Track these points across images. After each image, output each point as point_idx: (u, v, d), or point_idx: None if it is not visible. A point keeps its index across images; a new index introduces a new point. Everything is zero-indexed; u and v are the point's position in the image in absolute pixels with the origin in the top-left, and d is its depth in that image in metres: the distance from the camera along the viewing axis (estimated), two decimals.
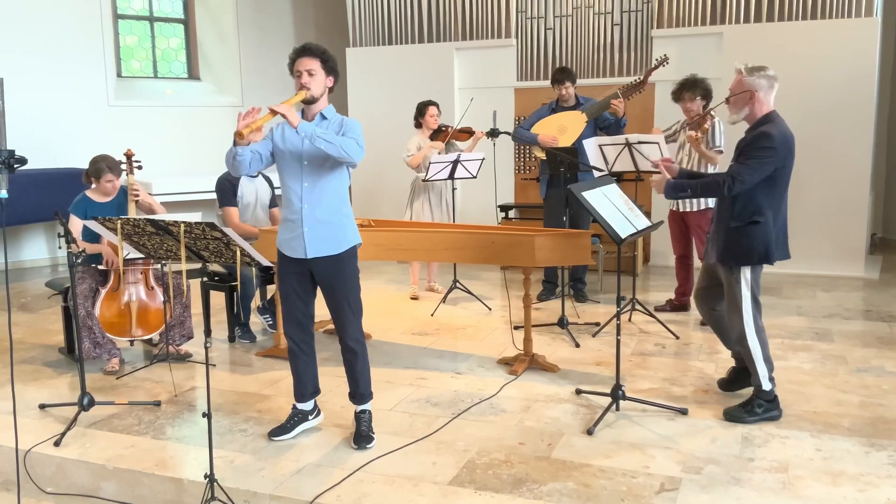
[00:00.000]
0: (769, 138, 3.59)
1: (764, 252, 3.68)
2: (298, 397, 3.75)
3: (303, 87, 3.36)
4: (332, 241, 3.46)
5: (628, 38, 7.54)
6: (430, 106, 6.33)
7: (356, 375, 3.65)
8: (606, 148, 5.31)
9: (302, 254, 3.46)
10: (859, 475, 3.18)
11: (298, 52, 3.41)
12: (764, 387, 3.79)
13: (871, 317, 5.70)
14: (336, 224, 3.47)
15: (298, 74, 3.39)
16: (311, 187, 3.42)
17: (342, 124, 3.43)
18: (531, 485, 3.15)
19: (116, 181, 4.74)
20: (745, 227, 3.67)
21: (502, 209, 7.65)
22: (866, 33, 6.73)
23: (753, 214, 3.65)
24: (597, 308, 6.04)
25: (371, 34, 8.56)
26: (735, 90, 3.73)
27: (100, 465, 3.46)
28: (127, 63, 9.05)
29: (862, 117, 6.81)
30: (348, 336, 3.58)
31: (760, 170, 3.58)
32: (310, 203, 3.41)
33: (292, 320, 3.61)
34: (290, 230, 3.48)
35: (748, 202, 3.65)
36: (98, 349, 4.61)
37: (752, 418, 3.77)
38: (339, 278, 3.51)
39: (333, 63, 3.46)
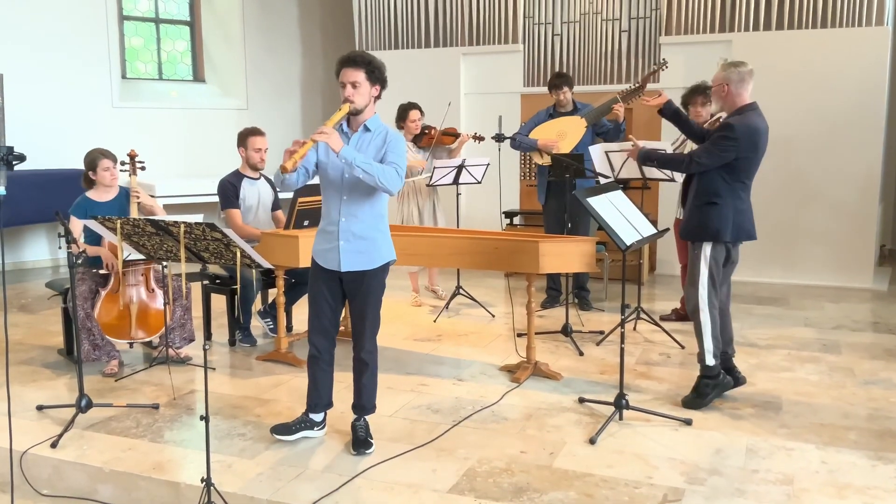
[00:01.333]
0: (732, 129, 3.84)
1: (716, 230, 3.94)
2: (312, 407, 3.70)
3: (346, 100, 3.32)
4: (366, 257, 3.45)
5: (636, 45, 7.51)
6: (413, 110, 6.10)
7: (361, 387, 3.62)
8: (613, 155, 5.27)
9: (335, 266, 3.45)
10: (865, 489, 3.14)
11: (343, 62, 3.36)
12: (708, 362, 4.03)
13: (879, 329, 5.64)
14: (371, 240, 3.45)
15: (343, 86, 3.34)
16: (350, 201, 3.40)
17: (386, 139, 3.41)
18: (532, 494, 3.11)
19: (114, 169, 4.71)
20: (703, 207, 3.96)
21: (507, 215, 7.60)
22: (877, 42, 6.69)
23: (711, 196, 3.93)
24: (601, 316, 5.99)
25: (377, 38, 8.54)
26: (713, 83, 4.03)
27: (97, 468, 3.43)
28: (132, 65, 9.05)
29: (872, 127, 6.76)
30: (362, 348, 3.57)
31: (718, 156, 3.87)
32: (347, 217, 3.41)
33: (319, 327, 3.57)
34: (326, 241, 3.47)
35: (708, 184, 3.95)
36: (97, 351, 4.58)
37: (706, 400, 4.04)
38: (366, 292, 3.51)
39: (380, 72, 3.40)
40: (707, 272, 3.98)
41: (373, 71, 3.34)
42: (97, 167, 4.67)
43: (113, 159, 4.71)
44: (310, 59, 9.92)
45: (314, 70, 9.95)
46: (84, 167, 4.74)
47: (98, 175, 4.69)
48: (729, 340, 4.16)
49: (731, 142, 3.82)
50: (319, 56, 9.97)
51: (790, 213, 7.04)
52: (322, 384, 3.67)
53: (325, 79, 9.96)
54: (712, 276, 3.99)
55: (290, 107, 9.75)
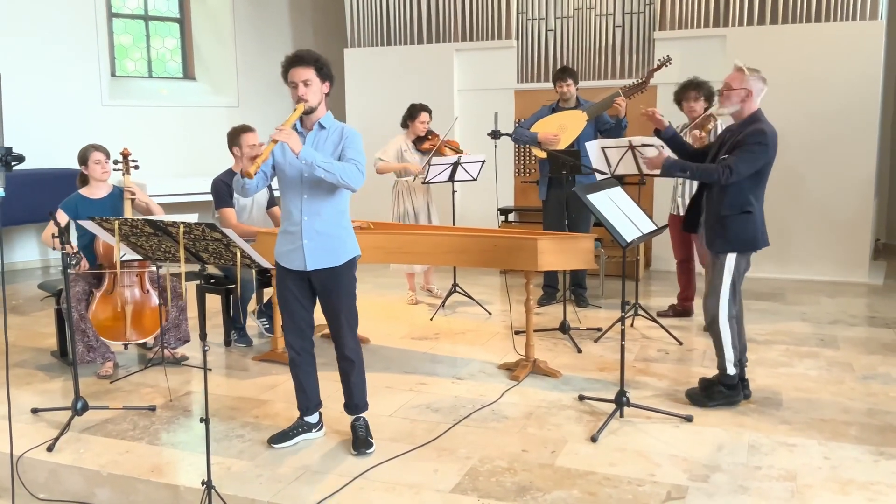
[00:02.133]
0: (764, 135, 3.78)
1: (752, 239, 3.89)
2: (303, 410, 3.67)
3: (300, 100, 3.30)
4: (332, 253, 3.42)
5: (630, 40, 7.49)
6: (423, 112, 6.15)
7: (351, 386, 3.60)
8: (609, 150, 5.25)
9: (301, 266, 3.41)
10: (868, 484, 3.13)
11: (291, 61, 3.33)
12: (728, 371, 3.97)
13: (876, 323, 5.65)
14: (335, 236, 3.43)
15: (294, 86, 3.31)
16: (311, 199, 3.37)
17: (342, 135, 3.38)
18: (535, 493, 3.09)
19: (105, 163, 4.66)
20: (737, 216, 3.87)
21: (502, 212, 7.58)
22: (871, 36, 6.69)
23: (744, 205, 3.85)
24: (598, 313, 5.97)
25: (370, 35, 8.49)
26: (734, 85, 3.89)
27: (94, 471, 3.39)
28: (121, 63, 8.97)
29: (866, 121, 6.77)
30: (345, 346, 3.54)
31: (754, 164, 3.79)
32: (310, 216, 3.37)
33: (293, 328, 3.54)
34: (289, 242, 3.43)
35: (739, 193, 3.85)
36: (92, 353, 4.53)
37: (712, 403, 3.98)
38: (337, 289, 3.47)
39: (328, 68, 3.39)
40: (730, 282, 3.91)
41: (321, 68, 3.33)
42: (88, 160, 4.62)
43: (104, 153, 4.66)
44: None
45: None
46: (77, 163, 4.69)
47: (89, 168, 4.64)
48: (743, 349, 4.10)
49: (764, 148, 3.77)
50: None
51: (785, 207, 7.04)
52: (308, 385, 3.64)
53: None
54: (734, 285, 3.92)
55: (281, 105, 9.64)
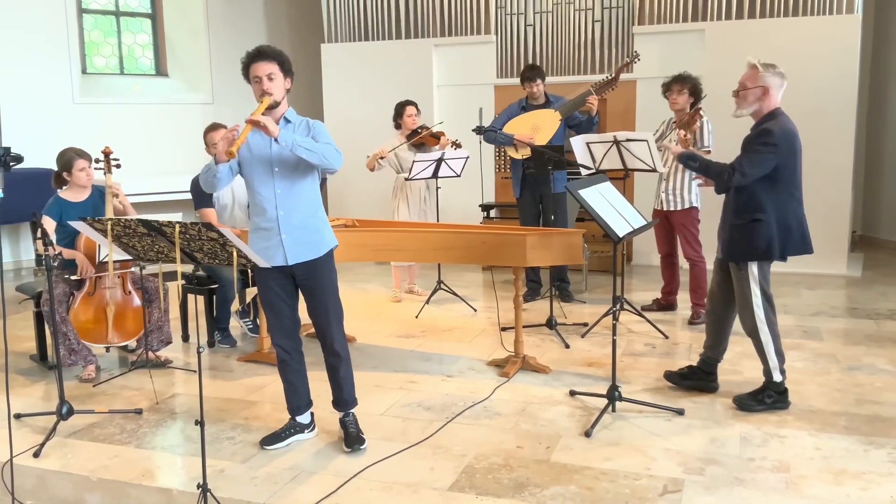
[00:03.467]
0: (770, 135, 3.64)
1: (765, 249, 3.74)
2: (294, 410, 3.62)
3: (265, 94, 3.25)
4: (311, 246, 3.38)
5: (609, 35, 7.50)
6: (408, 106, 6.22)
7: (340, 381, 3.55)
8: (594, 146, 5.26)
9: (282, 261, 3.35)
10: (861, 473, 3.18)
11: (253, 56, 3.30)
12: (775, 378, 3.88)
13: (857, 314, 5.73)
14: (313, 228, 3.38)
15: (257, 80, 3.27)
16: (285, 193, 3.32)
17: (309, 127, 3.35)
18: (533, 489, 3.10)
19: (90, 169, 4.57)
20: (747, 225, 3.74)
21: (483, 208, 7.57)
22: (848, 30, 6.77)
23: (755, 212, 3.73)
24: (582, 308, 5.99)
25: (347, 30, 8.41)
26: (748, 84, 3.76)
27: (83, 477, 3.33)
28: (91, 59, 8.79)
29: (844, 114, 6.85)
30: (333, 341, 3.48)
31: (760, 164, 3.65)
32: (286, 209, 3.31)
33: (281, 328, 3.48)
34: (265, 239, 3.35)
35: (749, 200, 3.73)
36: (73, 356, 4.44)
37: (759, 407, 3.87)
38: (320, 282, 3.42)
39: (289, 64, 3.38)
40: (759, 291, 3.79)
41: (283, 62, 3.32)
42: (73, 167, 4.53)
43: (88, 159, 4.57)
44: None
45: None
46: (57, 167, 4.58)
47: (73, 176, 4.54)
48: (724, 350, 4.10)
49: (771, 148, 3.62)
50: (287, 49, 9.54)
51: None
52: (299, 385, 3.59)
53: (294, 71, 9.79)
54: (765, 293, 3.80)
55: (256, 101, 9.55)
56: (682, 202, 5.37)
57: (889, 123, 8.48)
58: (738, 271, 3.84)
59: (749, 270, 3.79)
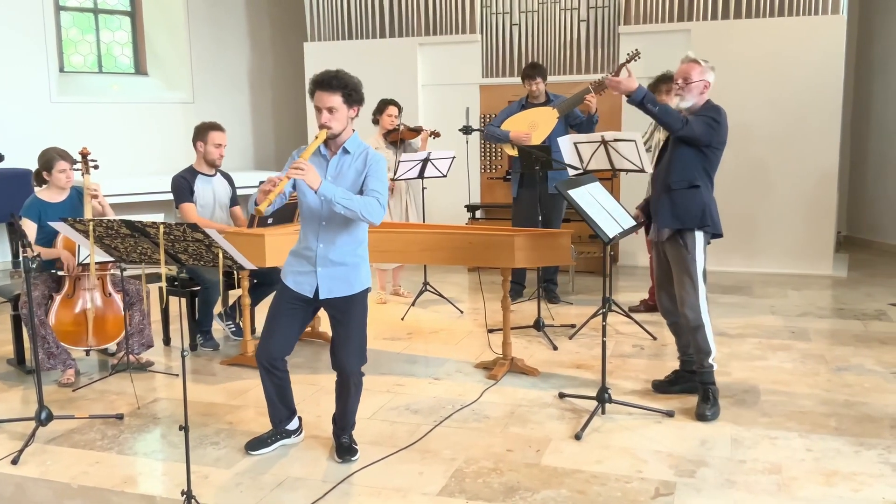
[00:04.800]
0: (718, 112, 3.77)
1: (701, 215, 3.78)
2: (276, 423, 3.53)
3: (323, 126, 3.16)
4: (346, 283, 3.29)
5: (595, 35, 7.48)
6: (391, 106, 6.14)
7: (346, 407, 3.44)
8: (581, 146, 5.22)
9: (310, 293, 3.28)
10: (852, 475, 3.17)
11: (316, 84, 3.16)
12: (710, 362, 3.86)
13: (844, 315, 5.75)
14: (351, 265, 3.30)
15: (318, 110, 3.17)
16: (329, 228, 3.24)
17: (366, 161, 3.24)
18: (524, 493, 3.06)
19: (70, 171, 4.48)
20: (685, 191, 3.79)
21: (469, 209, 7.52)
22: (833, 31, 6.79)
23: (693, 180, 3.78)
24: (569, 309, 5.96)
25: (330, 28, 8.33)
26: (692, 78, 3.79)
27: (63, 484, 3.25)
28: (69, 57, 8.64)
29: (829, 115, 6.88)
30: (349, 371, 3.34)
31: (705, 132, 3.72)
32: (325, 244, 3.25)
33: (272, 344, 3.34)
34: (300, 265, 3.30)
35: (685, 167, 3.79)
36: (52, 360, 4.34)
37: (716, 406, 3.84)
38: (350, 318, 3.32)
39: (357, 93, 3.20)
40: (700, 265, 3.80)
41: (350, 94, 3.16)
42: (53, 168, 4.43)
43: (70, 161, 4.48)
44: (259, 50, 9.63)
45: (263, 61, 9.67)
46: (38, 166, 4.48)
47: (53, 176, 4.45)
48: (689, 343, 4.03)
49: (717, 125, 3.74)
50: (269, 47, 9.70)
51: (750, 201, 7.12)
52: (280, 399, 3.49)
53: (275, 71, 9.71)
54: (704, 269, 3.81)
55: (238, 100, 9.46)
56: None
57: (874, 124, 8.54)
58: (680, 245, 3.83)
59: (694, 240, 3.80)
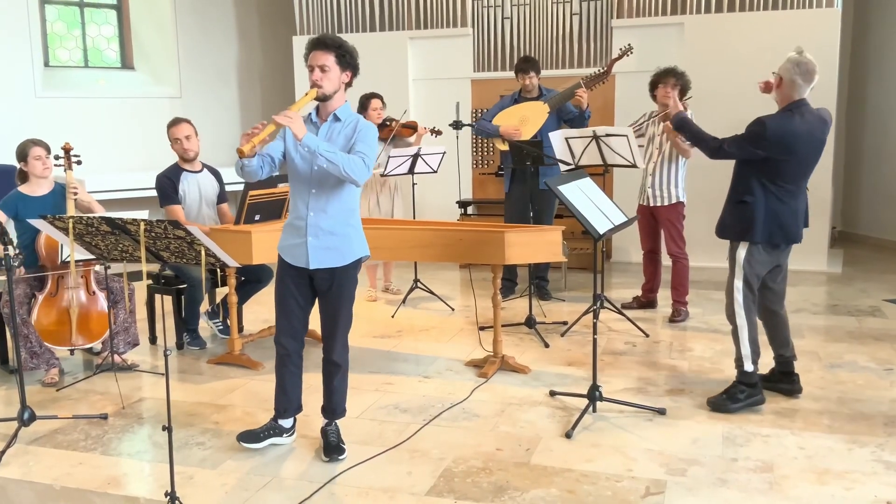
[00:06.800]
0: (763, 126, 3.68)
1: (745, 231, 3.78)
2: (281, 412, 3.51)
3: (314, 85, 3.13)
4: (337, 253, 3.27)
5: (588, 28, 7.41)
6: (373, 99, 5.96)
7: (332, 389, 3.45)
8: (573, 141, 5.18)
9: (304, 263, 3.26)
10: (845, 473, 3.15)
11: (312, 44, 3.16)
12: (746, 367, 3.86)
13: (838, 311, 5.72)
14: (342, 235, 3.28)
15: (311, 69, 3.14)
16: (319, 195, 3.22)
17: (356, 128, 3.22)
18: (513, 492, 3.03)
19: (46, 158, 4.41)
20: (735, 206, 3.82)
21: (460, 205, 7.46)
22: (827, 24, 6.74)
23: (743, 194, 3.78)
24: (561, 307, 5.92)
25: (319, 22, 8.25)
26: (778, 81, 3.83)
27: (46, 485, 3.21)
28: (55, 52, 8.54)
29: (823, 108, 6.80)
30: (333, 350, 3.38)
31: (743, 149, 3.74)
32: (315, 212, 3.23)
33: (287, 328, 3.38)
34: (293, 236, 3.29)
35: (739, 182, 3.83)
36: (35, 359, 4.28)
37: (735, 405, 3.82)
38: (338, 291, 3.32)
39: (351, 56, 3.19)
40: (742, 275, 3.81)
41: (343, 55, 3.15)
42: (28, 156, 4.36)
43: (45, 147, 4.41)
44: (247, 44, 9.54)
45: (252, 55, 9.58)
46: (16, 159, 4.41)
47: (30, 165, 4.38)
48: (784, 342, 4.03)
49: (762, 140, 3.66)
50: (257, 40, 9.61)
51: None
52: (291, 388, 3.48)
53: (264, 65, 9.62)
54: (747, 279, 3.82)
55: (226, 94, 9.37)
56: (669, 197, 5.31)
57: (868, 119, 8.51)
58: (729, 251, 3.90)
59: (737, 252, 3.84)
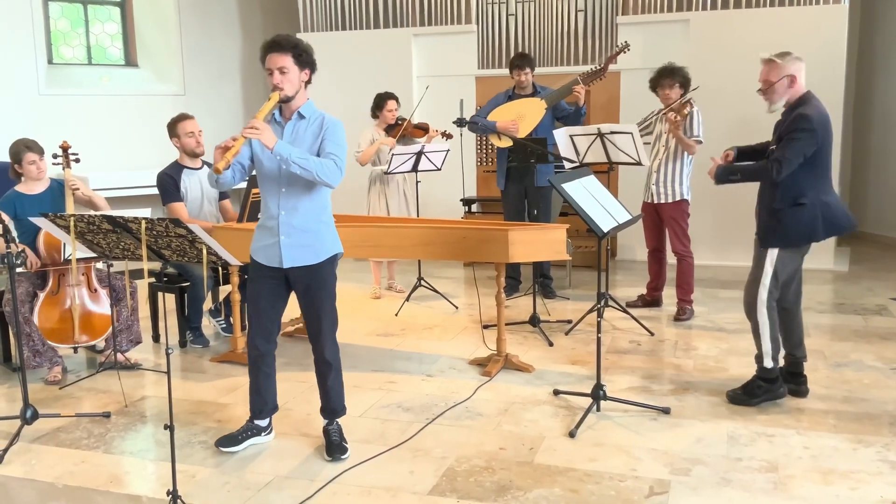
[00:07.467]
0: (807, 119, 3.61)
1: (809, 233, 3.73)
2: (256, 413, 3.51)
3: (276, 88, 3.13)
4: (311, 251, 3.27)
5: (593, 25, 7.37)
6: (390, 99, 6.06)
7: (328, 389, 3.45)
8: (578, 138, 5.16)
9: (278, 263, 3.25)
10: (850, 473, 3.13)
11: (267, 47, 3.17)
12: (766, 364, 3.83)
13: (844, 310, 5.68)
14: (315, 232, 3.27)
15: (269, 73, 3.15)
16: (290, 194, 3.21)
17: (322, 125, 3.22)
18: (516, 492, 3.02)
19: (40, 161, 4.40)
20: (789, 210, 3.71)
21: (465, 203, 7.44)
22: (834, 20, 6.68)
23: (798, 197, 3.69)
24: (566, 305, 5.90)
25: (323, 19, 8.23)
26: (773, 78, 3.73)
27: (48, 484, 3.21)
28: (58, 49, 8.54)
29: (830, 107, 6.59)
30: (324, 348, 3.39)
31: (801, 151, 3.62)
32: (287, 210, 3.22)
33: (260, 328, 3.37)
34: (266, 237, 3.27)
35: (792, 185, 3.69)
36: (38, 358, 4.28)
37: (754, 400, 3.83)
38: (317, 288, 3.32)
39: (308, 55, 3.21)
40: (773, 272, 3.78)
41: (300, 54, 3.16)
42: (22, 161, 4.36)
43: (38, 152, 4.39)
44: (250, 41, 9.53)
45: (255, 53, 9.41)
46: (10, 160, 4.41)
47: (24, 168, 4.38)
48: (798, 343, 4.00)
49: (810, 133, 3.60)
50: (260, 38, 9.48)
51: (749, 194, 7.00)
52: (266, 389, 3.48)
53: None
54: (776, 276, 3.79)
55: (229, 91, 9.36)
56: (673, 194, 5.28)
57: (876, 116, 8.44)
58: (761, 249, 3.84)
59: (770, 252, 3.78)
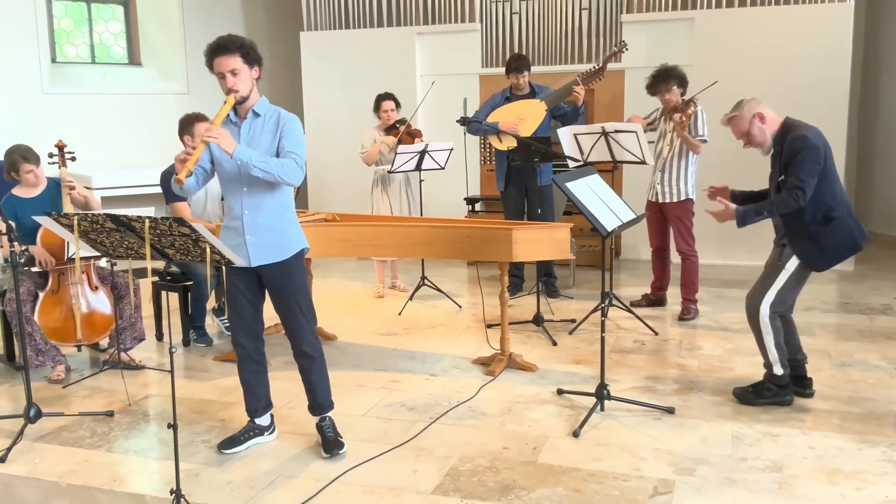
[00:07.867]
0: (804, 139, 3.62)
1: (851, 242, 3.73)
2: (251, 412, 3.52)
3: (230, 91, 3.13)
4: (276, 248, 3.27)
5: (597, 24, 7.35)
6: (385, 101, 6.07)
7: (312, 384, 3.44)
8: (582, 137, 5.14)
9: (246, 262, 3.25)
10: (855, 473, 3.12)
11: (213, 50, 3.15)
12: (776, 371, 3.82)
13: (849, 309, 5.66)
14: (279, 230, 3.28)
15: (221, 76, 3.14)
16: (252, 193, 3.22)
17: (279, 121, 3.22)
18: (519, 491, 3.01)
19: (38, 169, 4.39)
20: (824, 229, 3.69)
21: (468, 202, 7.43)
22: (840, 18, 6.65)
23: (828, 213, 3.68)
24: (570, 304, 5.88)
25: (327, 17, 8.23)
26: (744, 128, 3.77)
27: (51, 482, 3.22)
28: (62, 48, 8.54)
29: (836, 106, 6.72)
30: (303, 342, 3.38)
31: (814, 169, 3.62)
32: (251, 210, 3.23)
33: (243, 326, 3.38)
34: (231, 238, 3.28)
35: (818, 205, 3.67)
36: (41, 357, 4.28)
37: (760, 401, 3.82)
38: (288, 284, 3.32)
39: (255, 52, 3.22)
40: (784, 282, 3.77)
41: (248, 53, 3.17)
42: (19, 171, 4.35)
43: (35, 161, 4.37)
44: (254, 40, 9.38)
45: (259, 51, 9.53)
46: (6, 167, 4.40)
47: (21, 177, 4.38)
48: (797, 347, 3.99)
49: (814, 151, 3.60)
50: (264, 37, 9.60)
51: None
52: (257, 386, 3.49)
53: (271, 61, 9.59)
54: (791, 286, 3.80)
55: None
56: (678, 193, 5.26)
57: (881, 115, 8.39)
58: (779, 257, 3.79)
59: (790, 262, 3.75)
